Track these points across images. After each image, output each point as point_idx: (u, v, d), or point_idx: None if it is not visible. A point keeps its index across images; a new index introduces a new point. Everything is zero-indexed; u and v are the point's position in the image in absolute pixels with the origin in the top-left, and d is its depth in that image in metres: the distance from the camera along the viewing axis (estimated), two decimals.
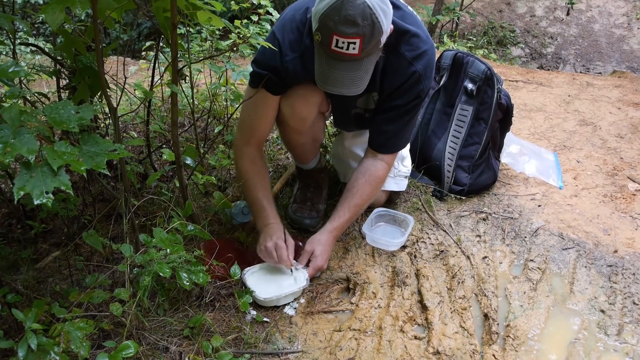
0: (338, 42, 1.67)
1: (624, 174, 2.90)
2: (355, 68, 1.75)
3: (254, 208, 2.15)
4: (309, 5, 1.92)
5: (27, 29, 1.98)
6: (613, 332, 1.88)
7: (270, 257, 2.00)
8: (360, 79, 1.79)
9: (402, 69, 1.97)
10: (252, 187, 2.14)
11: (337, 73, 1.76)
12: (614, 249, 2.25)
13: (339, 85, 1.79)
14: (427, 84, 2.02)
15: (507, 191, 2.70)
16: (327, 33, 1.67)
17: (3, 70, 1.29)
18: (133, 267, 1.68)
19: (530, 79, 4.81)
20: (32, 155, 1.15)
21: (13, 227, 2.24)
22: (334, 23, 1.64)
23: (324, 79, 1.79)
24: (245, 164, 2.16)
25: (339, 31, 1.65)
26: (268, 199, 2.15)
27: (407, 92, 2.02)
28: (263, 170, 2.20)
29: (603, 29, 9.08)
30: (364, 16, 1.64)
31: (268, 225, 2.09)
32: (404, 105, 2.06)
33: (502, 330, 1.89)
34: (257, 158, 2.18)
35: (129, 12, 5.48)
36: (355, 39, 1.66)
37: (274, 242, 2.01)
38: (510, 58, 8.32)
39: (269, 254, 2.00)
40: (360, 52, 1.70)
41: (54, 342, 1.36)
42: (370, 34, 1.67)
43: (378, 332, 1.85)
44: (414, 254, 2.26)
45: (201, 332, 1.73)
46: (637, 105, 3.97)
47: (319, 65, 1.79)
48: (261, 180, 2.16)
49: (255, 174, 2.15)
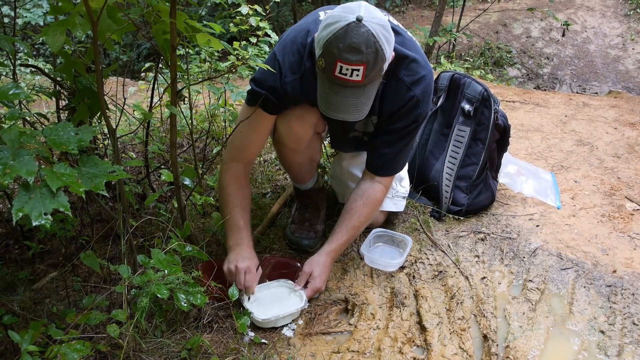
0: (342, 69, 1.69)
1: (621, 193, 2.91)
2: (358, 94, 1.77)
3: (229, 224, 2.11)
4: (310, 28, 1.94)
5: (27, 50, 1.99)
6: (613, 353, 1.86)
7: (238, 279, 1.96)
8: (363, 105, 1.81)
9: (400, 93, 1.99)
10: (231, 203, 2.11)
11: (340, 99, 1.78)
12: (612, 269, 2.25)
13: (342, 112, 1.81)
14: (425, 109, 2.04)
15: (505, 211, 2.70)
16: (331, 60, 1.69)
17: (3, 92, 1.31)
18: (131, 288, 1.68)
19: (527, 100, 4.84)
20: (31, 177, 1.16)
21: (10, 247, 2.23)
22: (338, 50, 1.67)
23: (326, 105, 1.81)
24: (228, 178, 2.14)
25: (344, 58, 1.67)
26: (246, 219, 2.12)
27: (405, 116, 2.04)
28: (246, 190, 2.18)
29: (598, 49, 9.17)
30: (368, 44, 1.66)
31: (241, 246, 2.05)
32: (402, 129, 2.08)
33: (502, 351, 1.88)
34: (242, 176, 2.17)
35: (128, 33, 5.52)
36: (359, 66, 1.68)
37: (247, 265, 1.98)
38: (507, 79, 8.38)
39: (236, 274, 1.96)
40: (364, 79, 1.72)
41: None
42: (374, 61, 1.70)
43: (377, 353, 1.84)
44: (412, 274, 2.25)
45: (199, 354, 1.71)
46: (633, 125, 4.00)
47: (321, 91, 1.80)
48: (242, 200, 2.14)
49: (237, 191, 2.13)
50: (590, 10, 9.94)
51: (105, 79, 2.05)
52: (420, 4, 11.13)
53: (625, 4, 9.94)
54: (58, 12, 1.77)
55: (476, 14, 8.61)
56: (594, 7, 10.02)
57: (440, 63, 6.41)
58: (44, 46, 7.40)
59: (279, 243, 2.43)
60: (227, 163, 2.17)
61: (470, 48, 8.93)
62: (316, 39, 1.77)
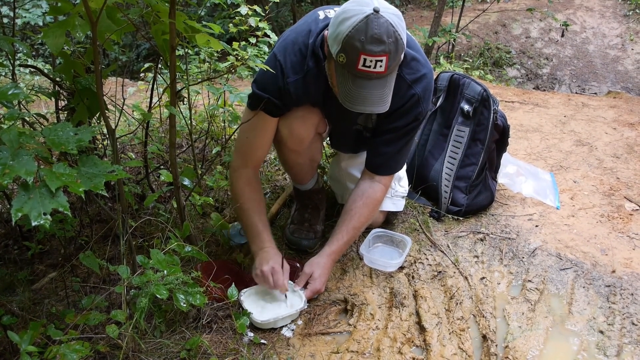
0: (366, 62, 1.69)
1: (620, 194, 2.91)
2: (382, 85, 1.77)
3: (249, 231, 2.14)
4: (312, 28, 1.94)
5: (26, 50, 1.98)
6: (612, 353, 1.87)
7: (267, 282, 1.99)
8: (387, 96, 1.80)
9: (401, 91, 1.99)
10: (248, 210, 2.13)
11: (366, 92, 1.76)
12: (611, 269, 2.25)
13: (369, 104, 1.80)
14: (425, 107, 2.04)
15: (505, 211, 2.70)
16: (354, 53, 1.68)
17: (3, 93, 1.31)
18: (130, 288, 1.67)
19: (526, 100, 4.85)
20: (30, 177, 1.16)
21: (9, 248, 2.23)
22: (360, 43, 1.66)
23: (352, 99, 1.79)
24: (241, 186, 2.16)
25: (367, 50, 1.67)
26: (264, 222, 2.15)
27: (406, 114, 2.04)
28: (259, 193, 2.20)
29: (597, 50, 9.17)
30: (389, 34, 1.67)
31: (263, 249, 2.08)
32: (402, 128, 2.08)
33: (501, 351, 1.88)
34: (253, 180, 2.18)
35: (127, 33, 5.53)
36: (382, 56, 1.68)
37: (270, 266, 2.00)
38: (506, 79, 8.39)
39: (265, 278, 1.99)
40: (387, 69, 1.72)
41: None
42: (395, 50, 1.70)
43: (376, 353, 1.84)
44: (411, 274, 2.25)
45: (198, 354, 1.71)
46: (632, 126, 4.00)
47: (343, 86, 1.79)
48: (257, 204, 2.16)
49: (251, 197, 2.15)
50: (589, 11, 9.95)
51: (104, 79, 2.04)
52: (420, 5, 11.13)
53: (624, 5, 9.94)
54: (57, 12, 1.77)
55: (475, 14, 8.61)
56: (593, 7, 10.02)
57: (439, 63, 6.41)
58: (43, 46, 7.40)
59: (278, 243, 2.43)
60: (236, 170, 2.17)
61: (470, 48, 8.94)
62: (331, 36, 1.75)
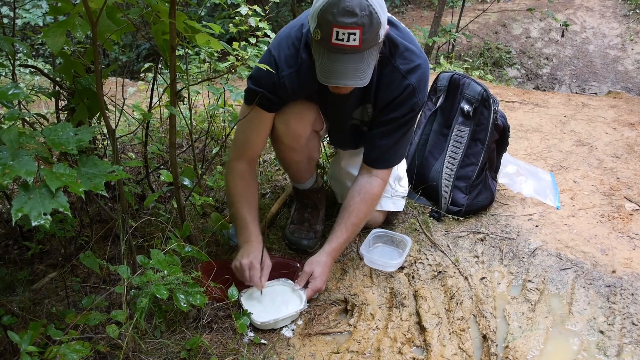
0: (338, 34, 1.69)
1: (620, 194, 2.91)
2: (358, 60, 1.76)
3: (237, 224, 2.14)
4: (304, 22, 1.95)
5: (26, 50, 1.98)
6: (612, 353, 1.87)
7: (242, 276, 1.99)
8: (364, 71, 1.79)
9: (396, 82, 2.00)
10: (238, 203, 2.13)
11: (340, 65, 1.76)
12: (612, 269, 2.25)
13: (343, 78, 1.78)
14: (421, 97, 2.04)
15: (505, 211, 2.70)
16: (327, 26, 1.69)
17: (3, 92, 1.30)
18: (130, 288, 1.67)
19: (526, 100, 4.85)
20: (30, 177, 1.16)
21: (9, 248, 2.23)
22: (332, 16, 1.67)
23: (326, 73, 1.78)
24: (233, 179, 2.16)
25: (339, 22, 1.67)
26: (253, 216, 2.14)
27: (401, 105, 2.04)
28: (251, 187, 2.19)
29: (598, 49, 9.18)
30: (362, 7, 1.67)
31: (248, 242, 2.07)
32: (398, 119, 2.08)
33: (501, 351, 1.88)
34: (246, 174, 2.18)
35: (127, 33, 5.52)
36: (355, 29, 1.68)
37: (249, 260, 1.99)
38: (506, 79, 8.40)
39: (241, 271, 1.98)
40: (361, 44, 1.71)
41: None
42: (369, 24, 1.70)
43: (376, 353, 1.84)
44: (412, 274, 2.25)
45: (198, 355, 1.71)
46: (632, 126, 4.00)
47: (320, 62, 1.78)
48: (248, 197, 2.15)
49: (243, 190, 2.15)
50: (589, 11, 9.96)
51: (104, 79, 2.04)
52: (420, 5, 11.15)
53: (624, 5, 9.96)
54: (57, 12, 1.77)
55: (475, 14, 8.62)
56: (593, 7, 10.03)
57: (439, 63, 6.41)
58: (43, 47, 7.40)
59: (278, 243, 2.43)
60: (231, 162, 2.18)
61: (470, 48, 8.94)
62: (310, 16, 1.77)
